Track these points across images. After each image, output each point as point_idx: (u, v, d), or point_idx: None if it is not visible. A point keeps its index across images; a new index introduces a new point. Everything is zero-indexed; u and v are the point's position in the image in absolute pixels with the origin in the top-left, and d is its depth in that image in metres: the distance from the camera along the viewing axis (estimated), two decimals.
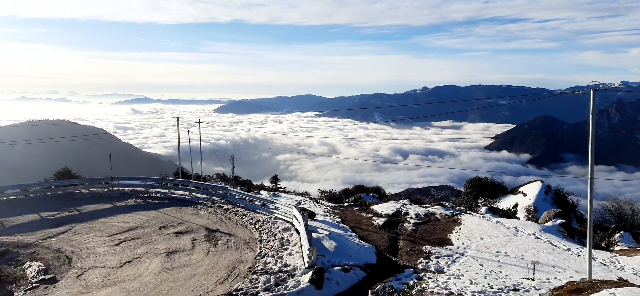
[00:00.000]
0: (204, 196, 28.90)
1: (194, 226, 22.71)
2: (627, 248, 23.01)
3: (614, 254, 20.26)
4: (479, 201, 35.58)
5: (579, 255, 19.30)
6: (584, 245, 21.43)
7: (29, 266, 17.41)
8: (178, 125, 40.36)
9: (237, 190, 29.25)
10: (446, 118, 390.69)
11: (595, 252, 18.87)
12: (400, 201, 29.87)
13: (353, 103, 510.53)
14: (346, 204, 31.84)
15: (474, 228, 23.19)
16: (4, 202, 27.59)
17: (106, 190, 31.60)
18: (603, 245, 23.73)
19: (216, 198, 27.96)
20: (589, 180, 14.48)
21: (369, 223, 24.71)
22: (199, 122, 42.33)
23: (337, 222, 24.26)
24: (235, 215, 24.64)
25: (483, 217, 26.17)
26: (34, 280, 16.12)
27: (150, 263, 17.66)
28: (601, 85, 14.91)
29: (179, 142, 40.53)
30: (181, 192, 30.57)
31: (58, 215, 25.32)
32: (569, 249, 20.31)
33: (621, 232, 26.03)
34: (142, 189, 31.58)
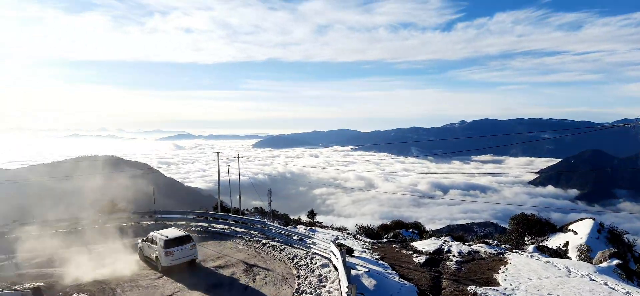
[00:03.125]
0: (243, 230, 29.13)
1: (233, 261, 22.83)
2: None
3: None
4: (526, 239, 33.87)
5: None
6: None
7: None
8: (218, 160, 41.34)
9: (274, 224, 29.31)
10: (486, 153, 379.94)
11: None
12: (442, 238, 28.92)
13: (389, 137, 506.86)
14: (385, 240, 31.14)
15: (521, 268, 22.00)
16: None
17: (149, 223, 32.51)
18: None
19: (254, 232, 28.11)
20: None
21: (409, 261, 23.98)
22: (238, 157, 43.18)
23: (376, 258, 23.71)
24: (273, 250, 24.61)
25: (531, 256, 24.83)
26: None
27: None
28: None
29: (219, 176, 41.40)
30: (221, 226, 30.98)
31: (100, 249, 26.19)
32: (628, 293, 18.82)
33: None
34: (183, 222, 32.28)
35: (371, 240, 30.60)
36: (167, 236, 22.15)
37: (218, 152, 42.58)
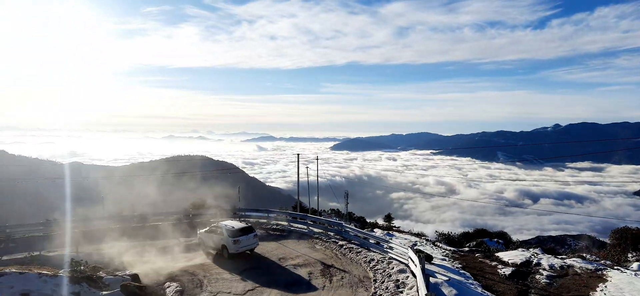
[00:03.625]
0: (320, 230, 29.62)
1: (310, 260, 23.33)
2: None
3: None
4: (629, 255, 30.34)
5: None
6: None
7: (168, 287, 19.58)
8: (298, 161, 42.48)
9: (351, 226, 29.39)
10: (584, 159, 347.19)
11: None
12: (530, 249, 26.99)
13: (473, 141, 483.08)
14: (466, 249, 29.78)
15: (623, 287, 19.78)
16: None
17: (234, 220, 34.28)
18: None
19: (331, 233, 28.45)
20: None
21: (493, 272, 22.70)
22: (317, 159, 44.00)
23: (457, 267, 22.78)
24: (350, 252, 24.71)
25: (635, 275, 22.22)
26: None
27: (270, 293, 18.54)
28: None
29: (298, 177, 42.52)
30: (299, 225, 31.80)
31: (190, 242, 28.23)
32: None
33: None
34: (265, 220, 33.66)
35: (451, 248, 29.46)
36: (233, 227, 24.27)
37: (298, 154, 43.76)
